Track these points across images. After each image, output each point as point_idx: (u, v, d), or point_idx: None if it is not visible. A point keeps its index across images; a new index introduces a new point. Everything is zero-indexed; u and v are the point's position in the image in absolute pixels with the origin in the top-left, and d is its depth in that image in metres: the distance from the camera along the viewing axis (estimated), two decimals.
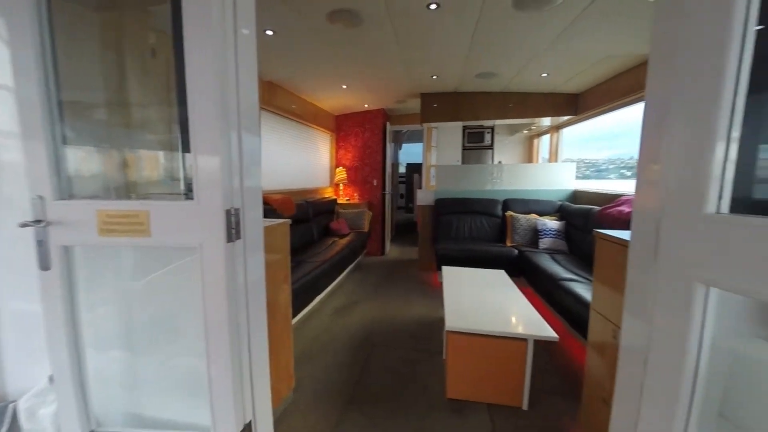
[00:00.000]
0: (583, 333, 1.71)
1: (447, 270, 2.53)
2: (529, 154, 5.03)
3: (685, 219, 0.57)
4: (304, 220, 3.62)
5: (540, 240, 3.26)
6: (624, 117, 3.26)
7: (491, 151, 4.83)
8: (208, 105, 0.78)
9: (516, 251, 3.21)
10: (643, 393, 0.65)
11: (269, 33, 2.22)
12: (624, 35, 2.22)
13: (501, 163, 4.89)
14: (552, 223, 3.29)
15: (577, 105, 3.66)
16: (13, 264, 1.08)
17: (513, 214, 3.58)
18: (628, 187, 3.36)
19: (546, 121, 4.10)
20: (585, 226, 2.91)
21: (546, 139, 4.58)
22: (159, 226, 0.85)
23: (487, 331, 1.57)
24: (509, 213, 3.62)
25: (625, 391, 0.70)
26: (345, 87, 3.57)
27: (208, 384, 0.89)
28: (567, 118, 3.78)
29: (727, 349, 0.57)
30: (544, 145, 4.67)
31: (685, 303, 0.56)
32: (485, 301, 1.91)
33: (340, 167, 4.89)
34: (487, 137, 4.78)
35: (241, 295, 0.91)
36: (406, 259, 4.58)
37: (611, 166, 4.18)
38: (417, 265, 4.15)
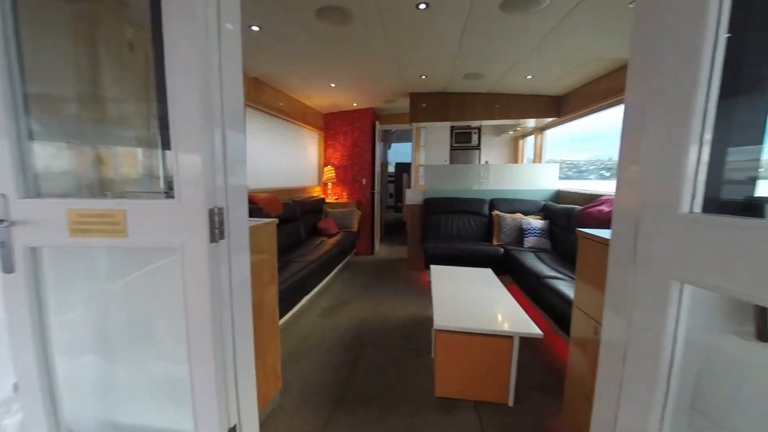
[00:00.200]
0: (566, 330, 1.76)
1: (435, 269, 2.55)
2: (515, 154, 5.13)
3: (661, 219, 0.59)
4: (291, 220, 3.57)
5: (525, 239, 3.33)
6: (602, 120, 3.38)
7: (478, 151, 4.90)
8: (189, 101, 0.75)
9: (502, 250, 3.28)
10: (623, 388, 0.67)
11: (255, 28, 2.17)
12: (604, 40, 2.29)
13: (488, 163, 4.97)
14: (536, 222, 3.37)
15: (559, 107, 3.76)
16: None
17: (499, 213, 3.65)
18: (608, 187, 3.49)
19: (531, 123, 4.19)
20: (567, 225, 2.99)
21: (531, 140, 4.69)
22: (136, 226, 0.82)
23: (475, 329, 1.59)
24: (496, 212, 3.68)
25: (605, 386, 0.72)
26: (334, 85, 3.54)
27: (189, 388, 0.86)
28: (550, 119, 3.88)
29: (698, 344, 0.59)
30: (529, 146, 4.78)
31: (661, 300, 0.58)
32: (473, 300, 1.94)
33: (329, 166, 4.85)
34: (475, 138, 4.84)
35: (226, 296, 0.89)
36: (396, 258, 4.59)
37: (591, 167, 4.33)
38: (406, 264, 4.17)
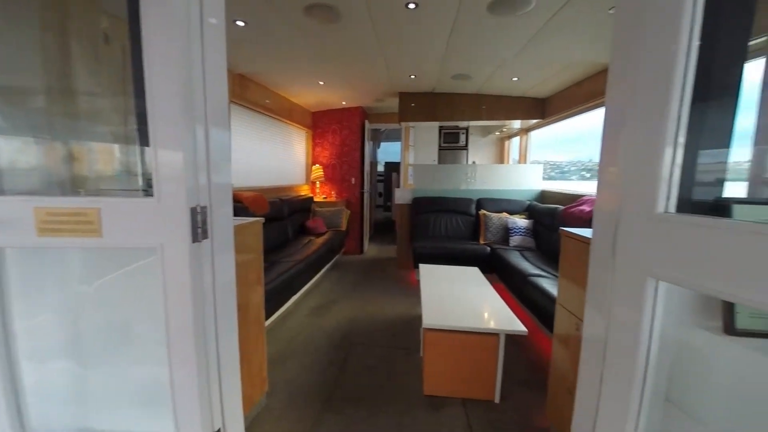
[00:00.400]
0: (549, 327, 1.80)
1: (424, 268, 2.57)
2: (501, 155, 5.23)
3: (638, 218, 0.61)
4: (278, 219, 3.52)
5: (510, 238, 3.40)
6: (584, 122, 3.49)
7: (466, 151, 4.97)
8: (169, 97, 0.73)
9: (488, 249, 3.33)
10: (603, 382, 0.69)
11: (240, 24, 2.13)
12: (586, 44, 2.36)
13: (475, 163, 5.04)
14: (521, 222, 3.45)
15: (544, 109, 3.85)
16: None
17: (486, 212, 3.71)
18: (589, 187, 3.61)
19: (516, 124, 4.28)
20: (551, 224, 3.07)
21: (516, 141, 4.79)
22: (112, 225, 0.79)
23: (462, 327, 1.61)
24: (482, 212, 3.74)
25: (586, 380, 0.75)
26: (322, 83, 3.51)
27: (170, 392, 0.84)
28: (535, 121, 3.97)
29: (672, 339, 0.62)
30: (515, 147, 4.88)
31: (638, 297, 0.60)
32: (460, 298, 1.96)
33: (317, 165, 4.80)
34: (462, 138, 4.90)
35: (209, 297, 0.87)
36: (385, 257, 4.60)
37: (573, 168, 4.48)
38: (395, 263, 4.18)
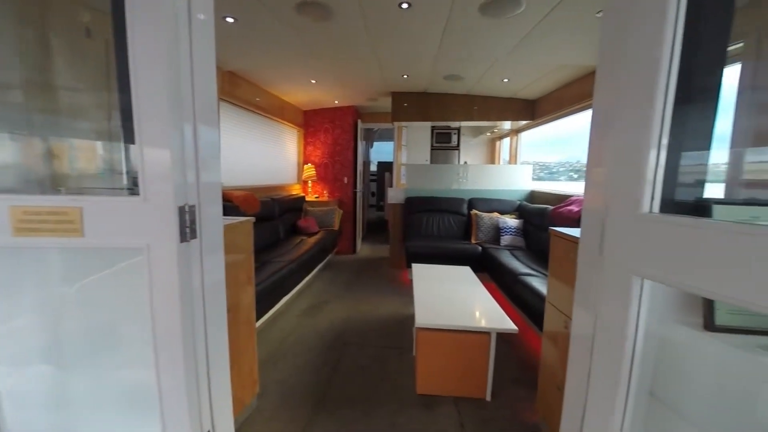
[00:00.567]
0: (539, 324, 1.83)
1: (417, 267, 2.58)
2: (492, 155, 5.29)
3: (624, 218, 0.63)
4: (269, 218, 3.48)
5: (501, 237, 3.44)
6: (572, 124, 3.57)
7: (458, 151, 5.01)
8: (156, 93, 0.71)
9: (480, 248, 3.37)
10: (590, 378, 0.71)
11: (230, 20, 2.09)
12: (574, 47, 2.41)
13: (467, 163, 5.09)
14: (512, 221, 3.49)
15: (533, 110, 3.91)
16: None
17: (477, 212, 3.75)
18: (577, 188, 3.69)
19: (506, 125, 4.34)
20: (540, 224, 3.12)
21: (507, 142, 4.85)
22: (95, 225, 0.76)
23: (454, 326, 1.62)
24: (474, 211, 3.78)
25: (575, 377, 0.76)
26: (314, 82, 3.48)
27: (158, 395, 0.82)
28: (525, 122, 4.03)
29: (656, 335, 0.64)
30: (505, 148, 4.94)
31: (624, 295, 0.62)
32: (452, 297, 1.98)
33: (309, 164, 4.77)
34: (454, 138, 4.94)
35: (198, 298, 0.85)
36: (378, 257, 4.60)
37: (561, 169, 4.57)
38: (388, 262, 4.19)
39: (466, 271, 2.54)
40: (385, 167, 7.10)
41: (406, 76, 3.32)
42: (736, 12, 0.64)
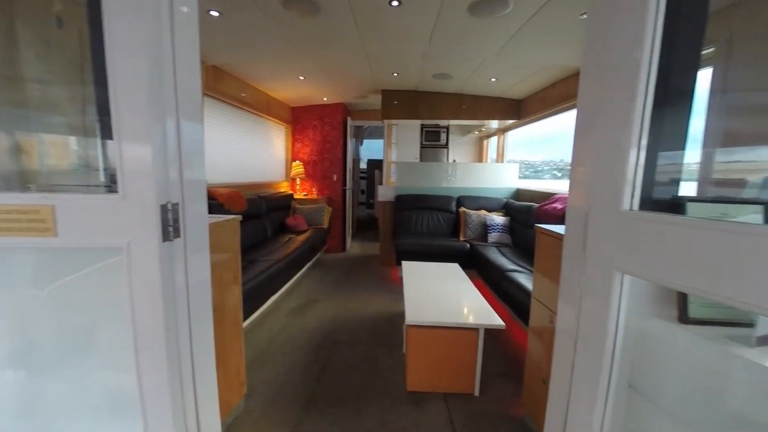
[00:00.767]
0: (525, 320, 1.88)
1: (406, 265, 2.59)
2: (479, 154, 5.36)
3: (606, 215, 0.65)
4: (256, 216, 3.42)
5: (489, 234, 3.50)
6: (555, 124, 3.67)
7: (446, 150, 5.05)
8: (135, 87, 0.68)
9: (468, 245, 3.41)
10: (574, 371, 0.73)
11: (214, 14, 2.03)
12: (559, 48, 2.46)
13: (455, 161, 5.14)
14: (499, 219, 3.56)
15: (519, 110, 3.98)
16: None
17: (465, 210, 3.79)
18: (561, 186, 3.79)
19: (494, 124, 4.40)
20: (526, 221, 3.19)
21: (494, 140, 4.92)
22: (68, 224, 0.73)
23: (443, 322, 1.64)
24: (462, 209, 3.82)
25: (559, 370, 0.79)
26: (302, 78, 3.43)
27: (139, 399, 0.79)
28: (511, 121, 4.10)
29: (634, 328, 0.66)
30: (492, 147, 5.02)
31: (606, 289, 0.64)
32: (441, 294, 2.00)
33: (297, 161, 4.70)
34: (443, 136, 4.98)
35: (182, 298, 0.83)
36: (367, 254, 4.59)
37: (546, 168, 4.69)
38: (378, 260, 4.19)
39: (455, 268, 2.57)
40: (375, 165, 7.08)
41: (395, 74, 3.32)
42: (709, 16, 0.67)
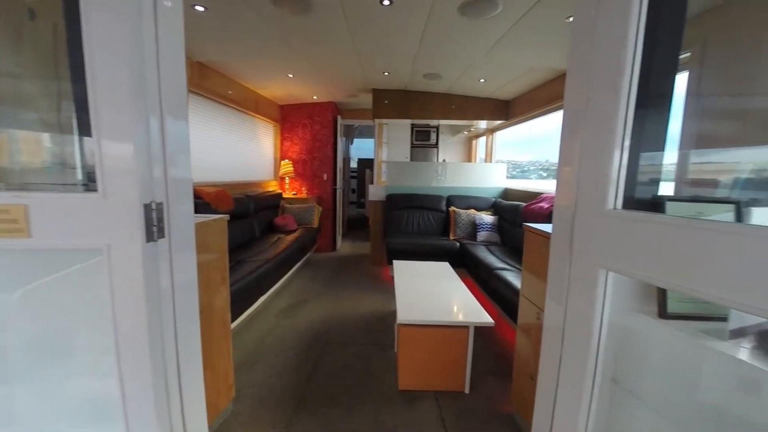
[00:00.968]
0: (514, 317, 1.91)
1: (398, 264, 2.59)
2: (469, 154, 5.42)
3: (591, 214, 0.67)
4: (244, 216, 3.36)
5: (478, 233, 3.54)
6: (541, 126, 3.76)
7: (436, 149, 5.08)
8: (116, 82, 0.66)
9: (458, 244, 3.45)
10: (561, 367, 0.75)
11: (200, 8, 1.98)
12: (546, 50, 2.51)
13: (445, 161, 5.18)
14: (487, 218, 3.61)
15: (507, 111, 4.05)
16: None
17: (455, 209, 3.83)
18: (547, 185, 3.88)
19: (482, 124, 4.46)
20: (514, 220, 3.25)
21: (482, 141, 4.99)
22: (43, 224, 0.70)
23: (435, 321, 1.65)
24: (452, 208, 3.86)
25: (547, 366, 0.80)
26: (291, 76, 3.38)
27: (122, 405, 0.77)
28: (500, 122, 4.16)
29: (617, 324, 0.69)
30: (481, 147, 5.08)
31: (591, 287, 0.66)
32: (432, 293, 2.01)
33: (286, 160, 4.64)
34: (433, 136, 5.01)
35: (167, 300, 0.80)
36: (358, 254, 4.58)
37: (532, 168, 4.79)
38: (369, 259, 4.18)
39: (445, 266, 2.59)
40: (366, 164, 7.07)
41: (386, 73, 3.32)
42: (686, 21, 0.69)
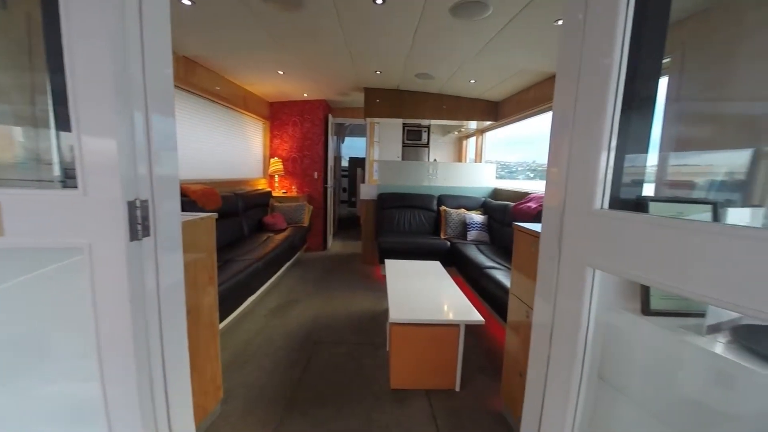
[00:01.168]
0: (503, 315, 1.94)
1: (389, 263, 2.60)
2: (459, 154, 5.47)
3: (579, 214, 0.68)
4: (232, 214, 3.30)
5: (468, 232, 3.58)
6: (529, 127, 3.83)
7: (427, 149, 5.10)
8: (98, 76, 0.63)
9: (449, 243, 3.47)
10: (549, 364, 0.76)
11: (186, 2, 1.93)
12: (534, 53, 2.55)
13: (436, 161, 5.21)
14: (477, 217, 3.65)
15: (497, 112, 4.10)
16: None
17: (446, 209, 3.86)
18: (534, 186, 3.95)
19: (473, 125, 4.50)
20: (503, 219, 3.30)
21: (472, 141, 5.04)
22: (18, 222, 0.67)
23: (426, 320, 1.66)
24: (443, 208, 3.88)
25: (535, 363, 0.82)
26: (282, 73, 3.34)
27: (104, 408, 0.74)
28: (489, 123, 4.21)
29: (603, 321, 0.70)
30: (471, 147, 5.14)
31: (579, 285, 0.67)
32: (424, 292, 2.02)
33: (276, 158, 4.58)
34: (424, 136, 5.03)
35: (152, 301, 0.78)
36: (349, 253, 4.56)
37: (520, 168, 4.88)
38: (360, 258, 4.17)
39: (436, 265, 2.61)
40: (357, 163, 7.04)
41: (378, 72, 3.31)
42: (669, 28, 0.71)
